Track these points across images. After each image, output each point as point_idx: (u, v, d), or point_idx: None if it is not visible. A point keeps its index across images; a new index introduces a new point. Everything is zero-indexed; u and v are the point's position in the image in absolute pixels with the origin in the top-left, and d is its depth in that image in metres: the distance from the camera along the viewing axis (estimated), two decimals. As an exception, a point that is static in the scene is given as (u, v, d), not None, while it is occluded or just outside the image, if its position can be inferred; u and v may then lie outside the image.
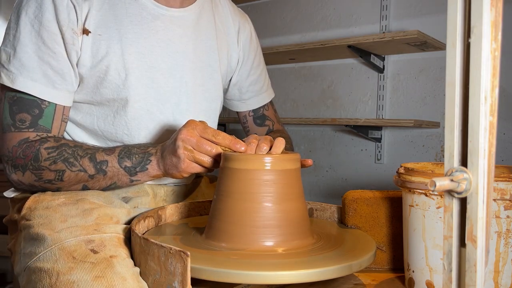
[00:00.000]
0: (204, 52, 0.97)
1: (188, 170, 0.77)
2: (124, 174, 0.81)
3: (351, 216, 0.83)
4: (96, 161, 0.80)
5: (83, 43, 0.83)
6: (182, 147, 0.75)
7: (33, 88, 0.80)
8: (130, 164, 0.81)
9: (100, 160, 0.80)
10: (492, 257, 0.64)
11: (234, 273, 0.59)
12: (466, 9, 0.35)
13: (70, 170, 0.80)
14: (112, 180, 0.82)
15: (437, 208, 0.65)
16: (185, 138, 0.75)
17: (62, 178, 0.80)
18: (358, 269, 0.65)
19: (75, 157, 0.80)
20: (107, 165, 0.80)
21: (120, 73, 0.85)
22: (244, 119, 1.15)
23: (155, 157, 0.80)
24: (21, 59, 0.80)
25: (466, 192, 0.35)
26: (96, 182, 0.82)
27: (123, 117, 0.87)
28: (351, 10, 2.07)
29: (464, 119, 0.36)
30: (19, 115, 0.81)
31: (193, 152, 0.76)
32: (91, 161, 0.80)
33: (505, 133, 1.69)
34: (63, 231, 0.72)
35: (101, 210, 0.77)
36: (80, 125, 0.90)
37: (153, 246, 0.61)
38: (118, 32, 0.85)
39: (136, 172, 0.81)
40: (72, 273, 0.64)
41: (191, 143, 0.75)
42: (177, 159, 0.76)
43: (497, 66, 0.35)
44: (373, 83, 2.01)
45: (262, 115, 1.14)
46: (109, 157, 0.81)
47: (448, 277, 0.37)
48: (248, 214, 0.69)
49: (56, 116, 0.84)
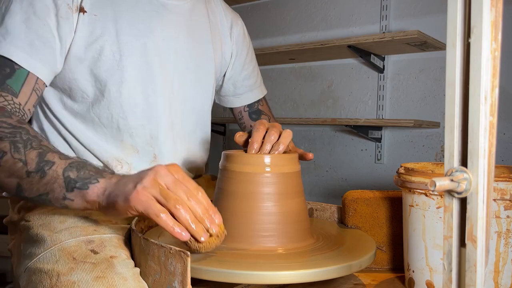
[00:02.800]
0: (198, 41, 0.98)
1: (138, 202, 0.60)
2: (61, 185, 0.66)
3: (351, 216, 0.83)
4: (43, 158, 0.68)
5: (78, 21, 0.82)
6: (151, 177, 0.61)
7: (14, 55, 0.77)
8: (74, 176, 0.66)
9: (47, 159, 0.67)
10: (492, 257, 0.64)
11: (234, 273, 0.59)
12: (466, 9, 0.35)
13: (12, 155, 0.68)
14: (46, 188, 0.67)
15: (437, 208, 0.65)
16: (161, 171, 0.62)
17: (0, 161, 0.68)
18: (358, 269, 0.65)
19: (25, 145, 0.69)
20: (51, 167, 0.67)
21: (114, 54, 0.85)
22: (240, 115, 1.16)
23: (106, 181, 0.66)
24: (7, 27, 0.78)
25: (466, 192, 0.35)
26: (29, 184, 0.67)
27: (118, 99, 0.87)
28: (351, 10, 2.07)
29: (464, 119, 0.36)
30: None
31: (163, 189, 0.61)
32: (37, 156, 0.68)
33: (505, 133, 1.69)
34: (62, 231, 0.72)
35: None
36: (78, 115, 0.88)
37: (153, 246, 0.61)
38: (114, 14, 0.85)
39: (74, 187, 0.66)
40: (73, 274, 0.64)
41: (165, 180, 0.62)
42: (133, 186, 0.61)
43: (497, 66, 0.35)
44: (373, 83, 2.01)
45: (258, 110, 1.15)
46: (58, 161, 0.67)
47: (448, 277, 0.37)
48: (248, 215, 0.69)
49: (27, 82, 0.78)
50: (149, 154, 0.91)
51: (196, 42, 0.97)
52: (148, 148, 0.91)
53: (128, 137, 0.89)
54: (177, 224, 0.59)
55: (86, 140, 0.88)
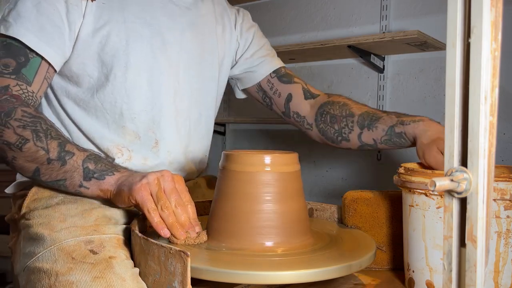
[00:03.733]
0: (203, 34, 0.99)
1: (138, 194, 0.70)
2: (79, 174, 0.75)
3: (351, 216, 0.83)
4: (64, 148, 0.75)
5: (87, 8, 0.83)
6: (156, 177, 0.72)
7: (25, 37, 0.78)
8: (92, 167, 0.75)
9: (67, 150, 0.75)
10: (492, 257, 0.64)
11: (234, 273, 0.59)
12: (466, 9, 0.35)
13: (34, 143, 0.74)
14: (65, 175, 0.75)
15: (437, 208, 0.65)
16: (166, 176, 0.72)
17: (22, 147, 0.74)
18: (358, 269, 0.65)
19: (46, 134, 0.75)
20: (71, 157, 0.75)
21: (121, 39, 0.86)
22: (269, 85, 1.07)
23: (120, 174, 0.76)
24: (19, 11, 0.79)
25: (466, 192, 0.35)
26: (49, 170, 0.75)
27: (123, 84, 0.87)
28: (351, 10, 2.07)
29: (464, 119, 0.36)
30: (5, 60, 0.79)
31: (160, 190, 0.71)
32: (58, 146, 0.75)
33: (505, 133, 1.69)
34: (62, 231, 0.72)
35: (100, 211, 0.77)
36: (81, 101, 0.88)
37: (153, 246, 0.61)
38: (120, 3, 0.87)
39: (91, 177, 0.75)
40: (71, 274, 0.64)
41: (166, 184, 0.71)
42: (139, 179, 0.72)
43: (497, 66, 0.35)
44: (373, 83, 2.01)
45: (286, 73, 1.08)
46: (77, 152, 0.76)
47: (448, 277, 0.37)
48: (248, 214, 0.69)
49: (40, 71, 0.81)
50: (150, 140, 0.91)
51: (201, 35, 0.98)
52: (150, 134, 0.91)
53: (130, 123, 0.89)
54: (161, 222, 0.69)
55: (87, 127, 0.88)
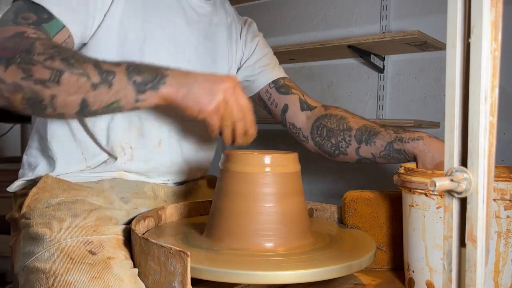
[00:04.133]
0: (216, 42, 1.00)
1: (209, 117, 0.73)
2: (131, 90, 0.70)
3: (351, 216, 0.83)
4: (102, 69, 0.68)
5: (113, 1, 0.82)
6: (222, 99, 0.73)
7: (50, 5, 0.73)
8: (140, 80, 0.70)
9: (106, 69, 0.69)
10: (492, 257, 0.64)
11: (234, 273, 0.59)
12: (466, 9, 0.35)
13: (70, 71, 0.66)
14: (117, 96, 0.69)
15: (437, 208, 0.65)
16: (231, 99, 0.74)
17: (59, 80, 0.65)
18: (358, 269, 0.65)
19: (77, 59, 0.68)
20: (114, 76, 0.69)
21: (138, 37, 0.86)
22: (267, 95, 1.09)
23: (171, 78, 0.72)
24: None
25: (466, 192, 0.35)
26: (98, 96, 0.68)
27: None
28: (351, 10, 2.07)
29: (464, 119, 0.36)
30: (25, 14, 0.72)
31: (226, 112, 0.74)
32: (95, 68, 0.68)
33: (505, 133, 1.69)
34: (62, 231, 0.72)
35: (101, 212, 0.77)
36: None
37: (153, 246, 0.61)
38: (142, 3, 0.87)
39: (145, 89, 0.70)
40: (69, 274, 0.64)
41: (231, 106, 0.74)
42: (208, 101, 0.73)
43: (497, 66, 0.35)
44: (373, 83, 2.01)
45: (285, 84, 1.10)
46: (116, 69, 0.69)
47: (448, 277, 0.37)
48: (248, 214, 0.69)
49: (61, 33, 0.75)
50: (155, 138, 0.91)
51: (213, 43, 0.99)
52: (155, 133, 0.91)
53: (137, 119, 0.89)
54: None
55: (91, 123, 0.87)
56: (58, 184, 0.83)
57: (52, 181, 0.83)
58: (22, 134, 2.45)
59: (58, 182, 0.83)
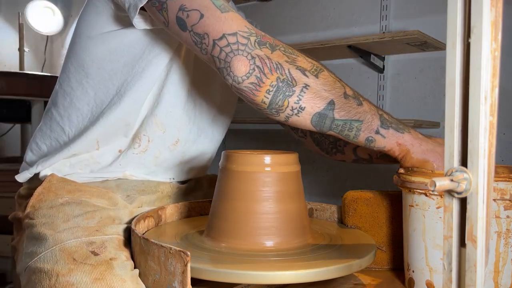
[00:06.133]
0: None
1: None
2: (377, 120, 0.70)
3: (351, 216, 0.83)
4: (353, 89, 0.72)
5: None
6: None
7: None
8: (387, 117, 0.72)
9: (356, 91, 0.72)
10: (492, 257, 0.63)
11: (234, 273, 0.59)
12: (466, 9, 0.35)
13: (330, 74, 0.70)
14: (363, 116, 0.69)
15: (437, 208, 0.65)
16: None
17: (318, 74, 0.69)
18: (358, 269, 0.65)
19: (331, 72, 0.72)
20: (364, 100, 0.71)
21: None
22: None
23: (414, 133, 0.73)
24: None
25: (466, 192, 0.35)
26: (346, 105, 0.69)
27: None
28: (351, 10, 2.07)
29: (464, 119, 0.36)
30: None
31: None
32: (348, 86, 0.72)
33: (505, 133, 1.69)
34: (65, 231, 0.72)
35: (104, 213, 0.77)
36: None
37: (153, 246, 0.61)
38: None
39: (389, 126, 0.71)
40: (72, 275, 0.64)
41: None
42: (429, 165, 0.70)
43: (497, 66, 0.35)
44: (373, 83, 2.01)
45: None
46: (363, 97, 0.72)
47: (448, 277, 0.37)
48: (248, 215, 0.69)
49: None
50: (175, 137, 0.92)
51: None
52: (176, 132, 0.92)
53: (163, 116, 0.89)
54: None
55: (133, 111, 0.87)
56: (63, 184, 0.83)
57: (57, 181, 0.83)
58: (22, 134, 2.45)
59: (63, 182, 0.83)
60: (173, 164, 0.95)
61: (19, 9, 2.48)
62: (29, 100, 2.13)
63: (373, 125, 0.70)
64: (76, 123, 0.87)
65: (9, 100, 2.12)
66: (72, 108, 0.87)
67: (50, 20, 2.61)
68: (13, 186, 0.95)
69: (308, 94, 0.68)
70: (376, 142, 0.71)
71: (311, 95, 0.68)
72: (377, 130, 0.70)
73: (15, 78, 2.07)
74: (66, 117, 0.88)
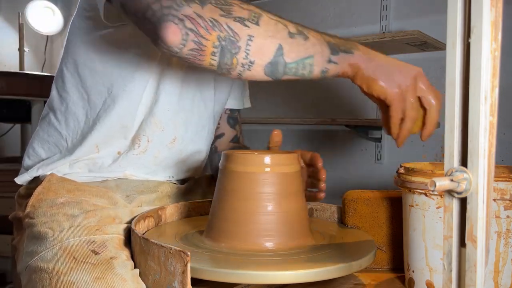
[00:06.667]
0: None
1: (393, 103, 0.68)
2: (326, 48, 0.67)
3: (351, 216, 0.83)
4: (295, 23, 0.68)
5: None
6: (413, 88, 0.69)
7: None
8: (334, 42, 0.68)
9: (299, 24, 0.68)
10: (492, 257, 0.64)
11: (234, 273, 0.59)
12: (466, 9, 0.35)
13: (269, 16, 0.66)
14: (312, 50, 0.66)
15: (437, 208, 0.65)
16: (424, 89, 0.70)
17: (258, 22, 0.64)
18: (358, 269, 0.65)
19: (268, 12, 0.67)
20: (308, 31, 0.67)
21: None
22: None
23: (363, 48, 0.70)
24: None
25: (466, 192, 0.35)
26: (294, 45, 0.65)
27: None
28: (351, 10, 2.07)
29: (464, 119, 0.36)
30: None
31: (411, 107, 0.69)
32: (288, 21, 0.67)
33: (505, 133, 1.69)
34: (65, 230, 0.72)
35: (104, 212, 0.77)
36: None
37: (153, 246, 0.61)
38: None
39: (338, 51, 0.67)
40: (72, 274, 0.64)
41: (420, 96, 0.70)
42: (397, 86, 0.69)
43: (497, 66, 0.35)
44: (373, 83, 2.01)
45: (236, 118, 1.16)
46: (306, 28, 0.68)
47: (448, 277, 0.37)
48: (248, 215, 0.69)
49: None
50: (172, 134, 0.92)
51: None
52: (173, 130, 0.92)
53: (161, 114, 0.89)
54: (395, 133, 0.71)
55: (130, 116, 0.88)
56: (62, 183, 0.83)
57: (57, 180, 0.83)
58: (22, 134, 2.45)
59: (62, 181, 0.84)
60: (172, 163, 0.95)
61: (19, 9, 2.49)
62: (29, 100, 2.13)
63: (324, 56, 0.67)
64: (73, 127, 0.89)
65: (9, 100, 2.12)
66: (68, 113, 0.89)
67: (50, 20, 2.61)
68: (13, 186, 0.95)
69: (254, 47, 0.64)
70: (330, 71, 0.68)
71: (258, 46, 0.64)
72: (329, 59, 0.67)
73: (15, 78, 2.07)
74: (64, 122, 0.89)
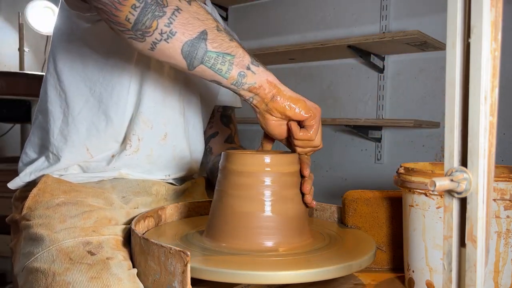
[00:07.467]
0: None
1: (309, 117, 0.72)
2: (247, 56, 0.69)
3: (351, 216, 0.83)
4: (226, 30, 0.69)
5: None
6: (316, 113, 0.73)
7: None
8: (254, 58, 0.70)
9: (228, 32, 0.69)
10: (492, 257, 0.64)
11: (234, 273, 0.59)
12: (466, 9, 0.35)
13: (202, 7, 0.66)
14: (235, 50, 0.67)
15: (437, 208, 0.65)
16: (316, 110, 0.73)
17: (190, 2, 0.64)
18: (358, 269, 0.65)
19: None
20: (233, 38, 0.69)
21: None
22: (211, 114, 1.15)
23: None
24: None
25: (466, 192, 0.35)
26: (219, 38, 0.65)
27: None
28: (351, 10, 2.07)
29: (464, 119, 0.36)
30: None
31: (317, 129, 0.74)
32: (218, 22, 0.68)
33: (505, 133, 1.69)
34: (61, 231, 0.72)
35: (100, 213, 0.77)
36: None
37: (153, 246, 0.61)
38: None
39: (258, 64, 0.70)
40: (68, 274, 0.64)
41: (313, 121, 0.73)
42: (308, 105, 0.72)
43: (497, 66, 0.35)
44: (373, 83, 2.01)
45: (229, 116, 1.15)
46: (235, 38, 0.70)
47: (448, 277, 0.37)
48: (248, 214, 0.69)
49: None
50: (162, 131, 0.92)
51: None
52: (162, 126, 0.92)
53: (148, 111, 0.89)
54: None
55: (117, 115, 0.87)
56: (58, 185, 0.83)
57: (53, 181, 0.83)
58: (22, 134, 2.45)
59: (58, 182, 0.83)
60: (167, 160, 0.94)
61: (19, 9, 2.49)
62: (29, 100, 2.13)
63: (244, 60, 0.68)
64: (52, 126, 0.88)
65: (9, 100, 2.12)
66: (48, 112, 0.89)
67: (50, 20, 2.61)
68: (13, 186, 0.95)
69: (180, 19, 0.61)
70: (248, 78, 0.68)
71: (183, 20, 0.61)
72: (248, 66, 0.68)
73: (15, 78, 2.07)
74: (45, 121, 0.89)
